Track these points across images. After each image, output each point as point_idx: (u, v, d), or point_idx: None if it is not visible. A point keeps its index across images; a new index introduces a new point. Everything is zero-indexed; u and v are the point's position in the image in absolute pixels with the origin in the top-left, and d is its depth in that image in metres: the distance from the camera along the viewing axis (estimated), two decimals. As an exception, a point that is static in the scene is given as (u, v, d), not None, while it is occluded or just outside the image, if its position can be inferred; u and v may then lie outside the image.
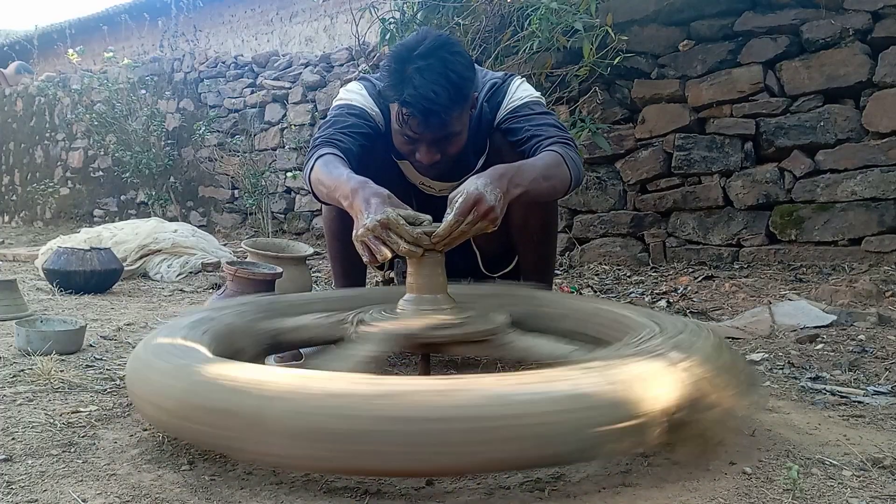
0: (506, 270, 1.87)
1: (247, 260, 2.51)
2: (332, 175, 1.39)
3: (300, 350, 1.62)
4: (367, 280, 2.05)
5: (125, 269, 3.33)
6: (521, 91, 1.64)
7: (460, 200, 1.21)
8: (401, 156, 1.66)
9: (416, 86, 1.37)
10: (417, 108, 1.39)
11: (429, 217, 1.26)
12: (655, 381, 0.95)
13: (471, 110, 1.56)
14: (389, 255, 1.20)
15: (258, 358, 1.37)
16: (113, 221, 5.28)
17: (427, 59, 1.39)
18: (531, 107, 1.61)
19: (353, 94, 1.66)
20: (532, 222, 1.70)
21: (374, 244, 1.20)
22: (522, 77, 1.73)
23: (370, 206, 1.21)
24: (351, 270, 1.83)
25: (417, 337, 1.26)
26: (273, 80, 5.41)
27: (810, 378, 1.61)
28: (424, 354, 1.41)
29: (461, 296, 1.39)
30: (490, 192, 1.22)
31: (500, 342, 1.29)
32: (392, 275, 2.14)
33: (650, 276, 3.12)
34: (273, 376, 0.96)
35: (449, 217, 1.21)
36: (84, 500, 0.91)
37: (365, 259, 1.23)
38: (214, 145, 5.76)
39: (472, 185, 1.23)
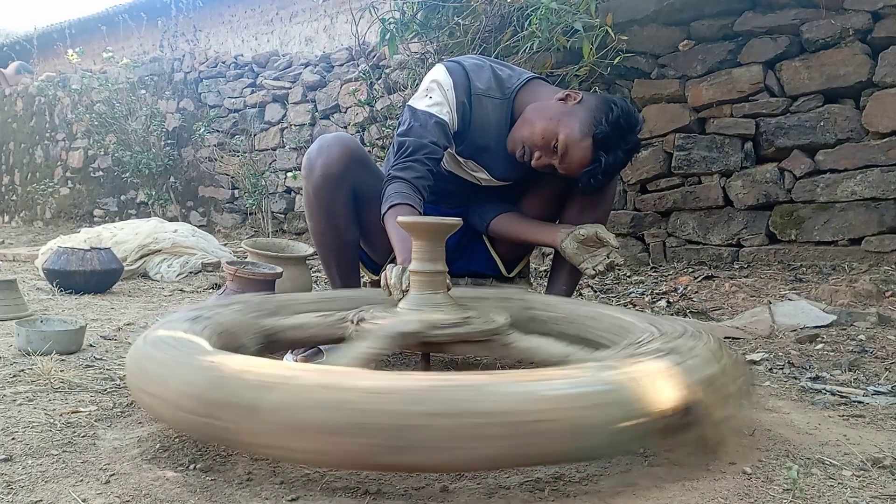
0: (518, 269, 2.02)
1: (247, 260, 2.51)
2: (392, 232, 1.55)
3: (320, 347, 1.62)
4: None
5: (125, 269, 3.33)
6: None
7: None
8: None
9: (616, 159, 1.65)
10: (607, 173, 1.67)
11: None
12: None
13: None
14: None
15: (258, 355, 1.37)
16: (113, 221, 5.29)
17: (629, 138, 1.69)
18: None
19: (439, 94, 1.70)
20: (586, 219, 1.79)
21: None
22: None
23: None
24: (350, 273, 1.88)
25: (420, 335, 1.26)
26: (273, 80, 5.41)
27: (810, 378, 1.61)
28: (425, 354, 1.41)
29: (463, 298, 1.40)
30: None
31: (503, 342, 1.29)
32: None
33: (650, 275, 3.12)
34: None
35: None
36: (84, 500, 0.91)
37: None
38: (214, 145, 5.76)
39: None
